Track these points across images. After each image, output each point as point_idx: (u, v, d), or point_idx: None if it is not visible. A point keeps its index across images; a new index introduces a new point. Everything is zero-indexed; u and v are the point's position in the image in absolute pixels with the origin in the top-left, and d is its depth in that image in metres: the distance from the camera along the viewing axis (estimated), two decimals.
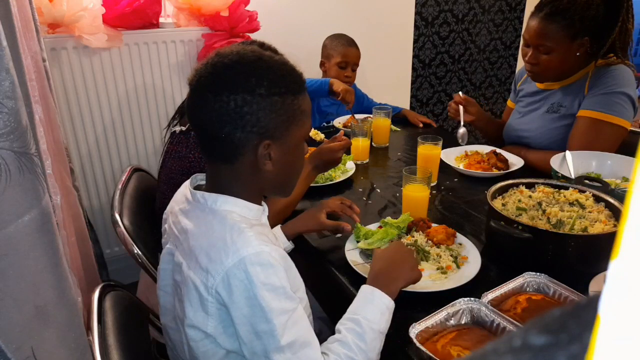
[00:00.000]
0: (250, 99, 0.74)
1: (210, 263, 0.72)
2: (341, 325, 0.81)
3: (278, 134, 0.78)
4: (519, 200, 1.11)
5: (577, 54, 1.47)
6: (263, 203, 0.87)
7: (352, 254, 1.06)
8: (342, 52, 2.07)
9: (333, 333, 0.83)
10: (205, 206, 0.80)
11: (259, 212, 0.84)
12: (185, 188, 0.88)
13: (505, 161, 1.53)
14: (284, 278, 0.74)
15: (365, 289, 0.85)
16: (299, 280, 0.85)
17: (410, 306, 0.89)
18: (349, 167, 1.56)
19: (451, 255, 1.03)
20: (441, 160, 1.49)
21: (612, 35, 1.44)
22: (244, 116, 0.74)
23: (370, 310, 0.80)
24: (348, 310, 0.84)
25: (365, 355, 0.76)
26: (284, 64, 0.79)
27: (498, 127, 1.84)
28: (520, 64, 1.69)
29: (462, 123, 1.70)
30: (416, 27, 2.84)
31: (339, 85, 1.83)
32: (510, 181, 1.19)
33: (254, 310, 0.71)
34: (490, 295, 0.87)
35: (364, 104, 2.25)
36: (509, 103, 1.87)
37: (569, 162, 1.36)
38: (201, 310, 0.74)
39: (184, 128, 1.36)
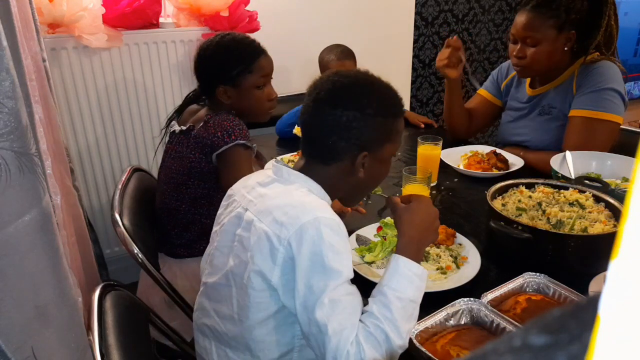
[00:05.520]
0: (359, 117, 0.85)
1: (286, 217, 0.78)
2: (370, 297, 0.82)
3: (375, 148, 0.88)
4: (519, 201, 1.11)
5: (565, 48, 1.48)
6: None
7: (352, 254, 1.06)
8: (337, 67, 2.04)
9: None
10: (288, 180, 0.88)
11: (329, 203, 0.89)
12: (263, 170, 0.98)
13: (505, 161, 1.53)
14: (348, 250, 0.80)
15: (392, 259, 0.85)
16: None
17: None
18: None
19: (451, 256, 1.03)
20: (441, 160, 1.49)
21: (599, 31, 1.46)
22: (351, 130, 0.85)
23: (396, 280, 0.81)
24: (379, 281, 0.85)
25: (392, 324, 0.76)
26: (390, 89, 0.91)
27: (463, 110, 1.85)
28: None
29: (468, 67, 1.67)
30: (416, 27, 2.84)
31: None
32: (510, 181, 1.19)
33: (315, 265, 0.75)
34: (490, 295, 0.88)
35: None
36: (482, 92, 1.86)
37: (569, 163, 1.36)
38: (270, 260, 0.79)
39: (184, 127, 1.36)
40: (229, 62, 1.31)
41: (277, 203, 0.82)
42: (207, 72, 1.35)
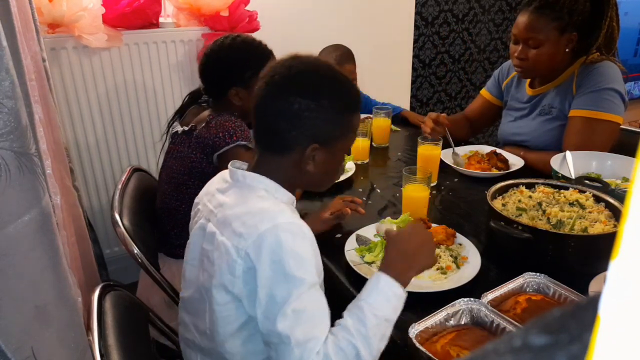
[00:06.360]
0: (313, 107, 0.81)
1: (244, 228, 0.76)
2: (346, 310, 0.81)
3: (327, 141, 0.85)
4: (519, 201, 1.11)
5: (566, 49, 1.48)
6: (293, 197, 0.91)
7: (352, 254, 1.06)
8: None
9: None
10: (244, 184, 0.85)
11: (290, 201, 0.88)
12: (222, 173, 0.93)
13: (505, 161, 1.53)
14: (311, 253, 0.77)
15: (375, 275, 0.84)
16: (321, 267, 0.84)
17: (410, 306, 0.89)
18: (349, 167, 1.56)
19: (451, 256, 1.03)
20: (441, 160, 1.49)
21: (600, 32, 1.46)
22: (302, 119, 0.81)
23: (375, 296, 0.79)
24: (357, 295, 0.83)
25: (365, 340, 0.74)
26: (348, 83, 0.88)
27: (463, 123, 1.87)
28: None
29: (453, 146, 1.62)
30: (416, 27, 2.84)
31: None
32: (510, 181, 1.19)
33: (276, 274, 0.73)
34: (490, 295, 0.87)
35: (364, 104, 2.25)
36: (485, 93, 1.87)
37: (569, 163, 1.36)
38: (228, 273, 0.77)
39: (186, 128, 1.36)
40: (243, 64, 1.33)
41: (235, 212, 0.80)
42: (219, 74, 1.36)
